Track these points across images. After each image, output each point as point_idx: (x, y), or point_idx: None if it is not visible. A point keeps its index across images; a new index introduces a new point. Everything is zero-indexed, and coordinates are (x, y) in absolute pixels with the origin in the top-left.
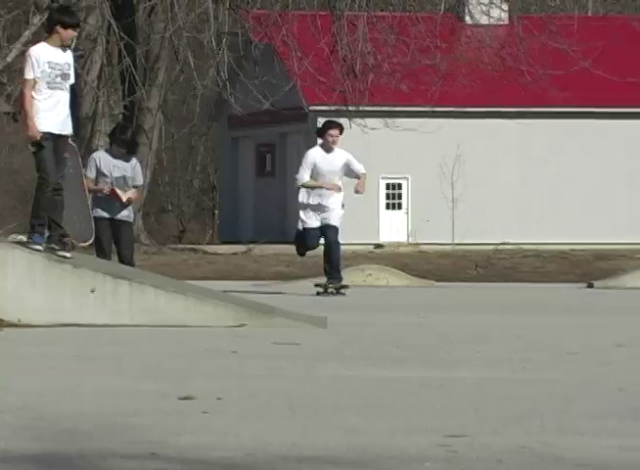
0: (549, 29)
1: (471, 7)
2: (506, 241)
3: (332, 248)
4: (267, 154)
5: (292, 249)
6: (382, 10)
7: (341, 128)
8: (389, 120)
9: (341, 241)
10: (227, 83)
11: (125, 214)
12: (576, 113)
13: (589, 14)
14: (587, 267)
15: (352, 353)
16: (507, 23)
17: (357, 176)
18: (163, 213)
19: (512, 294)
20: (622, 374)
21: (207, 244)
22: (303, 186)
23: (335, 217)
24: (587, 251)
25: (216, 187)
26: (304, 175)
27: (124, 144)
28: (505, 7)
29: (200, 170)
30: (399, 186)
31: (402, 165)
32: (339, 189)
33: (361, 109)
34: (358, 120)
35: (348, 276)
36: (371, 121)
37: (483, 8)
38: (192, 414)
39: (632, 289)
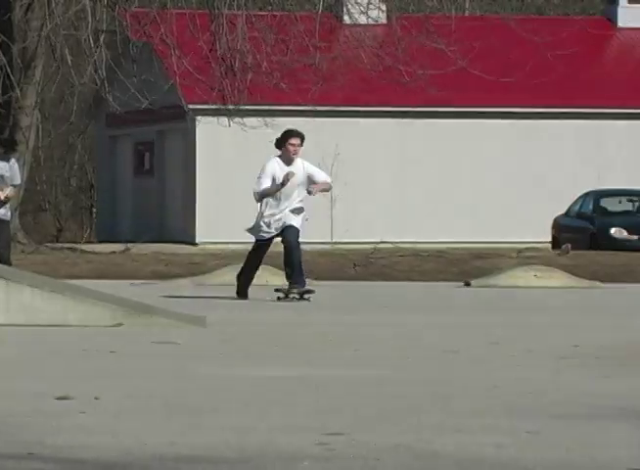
0: (427, 29)
1: (349, 7)
2: (384, 240)
3: (292, 249)
4: (146, 152)
5: (170, 247)
6: (260, 9)
7: (302, 137)
8: (269, 120)
9: (215, 239)
10: (105, 81)
11: (2, 213)
12: (454, 112)
13: (466, 14)
14: (464, 266)
15: (231, 352)
16: (385, 22)
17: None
18: (41, 212)
19: (390, 292)
20: (498, 372)
21: (85, 243)
22: (263, 196)
23: (295, 219)
24: (464, 249)
25: (94, 185)
26: (264, 185)
27: (1, 143)
28: (383, 7)
29: (77, 169)
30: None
31: None
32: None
33: (240, 108)
34: (237, 119)
35: (226, 275)
36: (250, 120)
37: (362, 8)
38: (69, 414)
39: (508, 287)
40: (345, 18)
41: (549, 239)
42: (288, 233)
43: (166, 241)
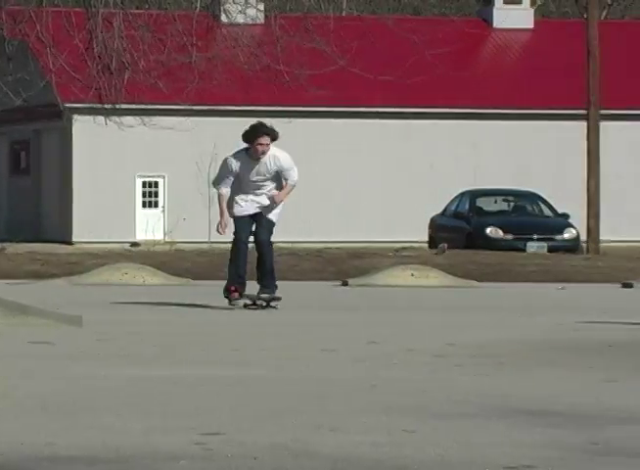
0: (305, 29)
1: (227, 6)
2: None
3: (263, 249)
4: (22, 151)
5: (46, 247)
6: (137, 8)
7: (272, 136)
8: (146, 119)
9: (91, 239)
10: None
11: None
12: (334, 112)
13: (344, 14)
14: (342, 265)
15: (108, 352)
16: (263, 22)
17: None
18: None
19: None
20: (376, 370)
21: None
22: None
23: (272, 212)
24: (342, 249)
25: None
26: (222, 185)
27: None
28: (261, 6)
29: None
30: (156, 184)
31: (159, 164)
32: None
33: (117, 107)
34: (115, 118)
35: (103, 275)
36: (128, 119)
37: (239, 7)
38: None
39: (386, 287)
40: (223, 17)
41: (426, 238)
42: (260, 230)
43: (43, 240)
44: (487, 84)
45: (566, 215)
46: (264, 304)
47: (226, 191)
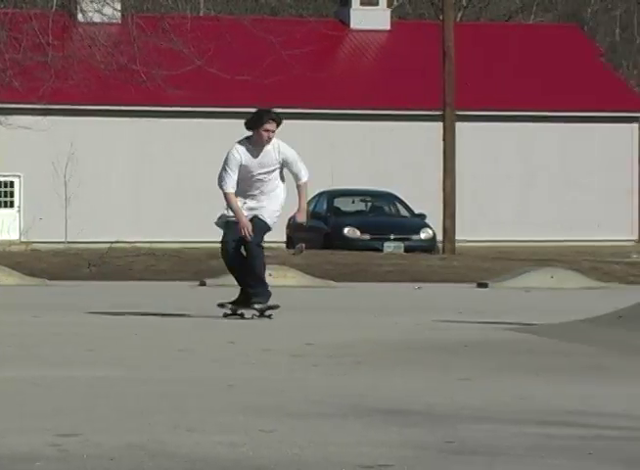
0: (162, 29)
1: (83, 5)
2: (121, 239)
3: (250, 251)
4: None
5: None
6: None
7: (278, 122)
8: (2, 118)
9: None
10: None
11: None
12: (192, 112)
13: (201, 14)
14: (200, 266)
15: None
16: (120, 21)
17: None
18: None
19: (126, 292)
20: (234, 371)
21: None
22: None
23: (266, 212)
24: (200, 249)
25: None
26: (229, 183)
27: None
28: (118, 6)
29: None
30: (11, 184)
31: (14, 163)
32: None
33: None
34: None
35: None
36: None
37: (96, 6)
38: None
39: None
40: (80, 16)
41: (284, 239)
42: (252, 231)
43: None
44: (345, 85)
45: (422, 216)
46: (257, 314)
47: (234, 190)
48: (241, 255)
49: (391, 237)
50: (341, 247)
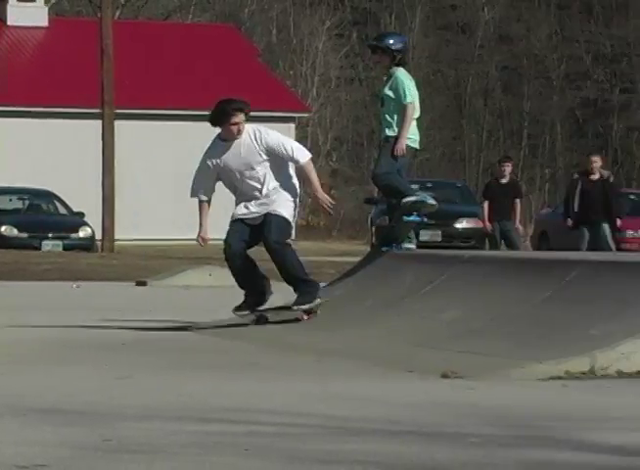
0: None
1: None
2: None
3: (271, 253)
4: None
5: None
6: None
7: (245, 110)
8: None
9: None
10: None
11: None
12: None
13: None
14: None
15: None
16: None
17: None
18: None
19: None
20: None
21: None
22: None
23: (278, 205)
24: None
25: None
26: (201, 194)
27: None
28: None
29: None
30: None
31: None
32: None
33: None
34: None
35: None
36: None
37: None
38: None
39: None
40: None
41: None
42: (267, 228)
43: None
44: (2, 83)
45: (81, 214)
46: (305, 317)
47: (204, 198)
48: (246, 256)
49: (50, 235)
50: None
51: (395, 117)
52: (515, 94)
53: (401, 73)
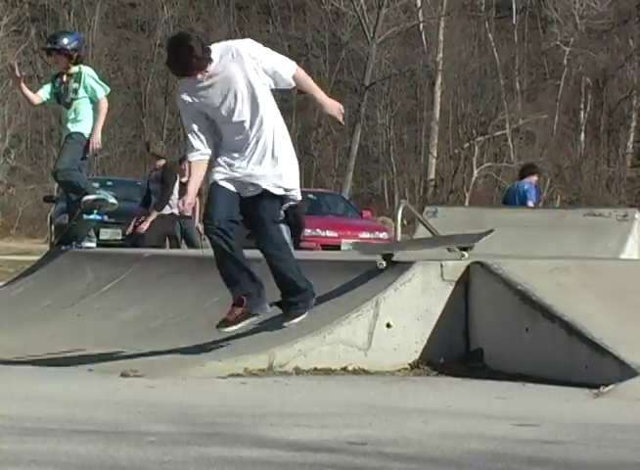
0: None
1: None
2: None
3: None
4: None
5: None
6: None
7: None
8: None
9: None
10: None
11: None
12: None
13: None
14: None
15: None
16: None
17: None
18: None
19: None
20: None
21: None
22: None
23: (271, 174)
24: None
25: None
26: (189, 148)
27: None
28: None
29: None
30: None
31: None
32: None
33: None
34: None
35: None
36: None
37: None
38: None
39: None
40: None
41: None
42: (256, 214)
43: None
44: None
45: None
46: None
47: (202, 156)
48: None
49: None
50: None
51: (83, 112)
52: None
53: (89, 70)
